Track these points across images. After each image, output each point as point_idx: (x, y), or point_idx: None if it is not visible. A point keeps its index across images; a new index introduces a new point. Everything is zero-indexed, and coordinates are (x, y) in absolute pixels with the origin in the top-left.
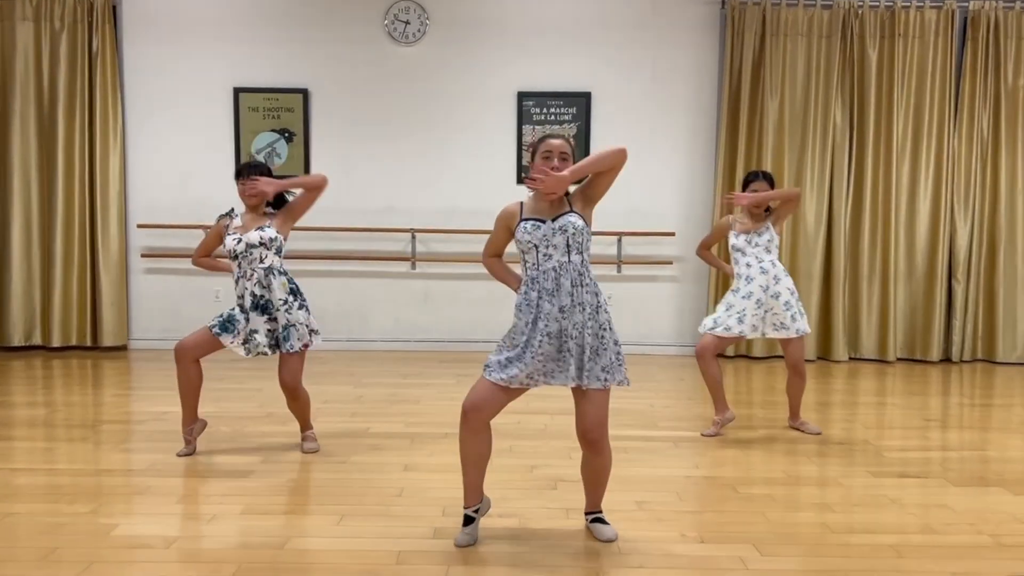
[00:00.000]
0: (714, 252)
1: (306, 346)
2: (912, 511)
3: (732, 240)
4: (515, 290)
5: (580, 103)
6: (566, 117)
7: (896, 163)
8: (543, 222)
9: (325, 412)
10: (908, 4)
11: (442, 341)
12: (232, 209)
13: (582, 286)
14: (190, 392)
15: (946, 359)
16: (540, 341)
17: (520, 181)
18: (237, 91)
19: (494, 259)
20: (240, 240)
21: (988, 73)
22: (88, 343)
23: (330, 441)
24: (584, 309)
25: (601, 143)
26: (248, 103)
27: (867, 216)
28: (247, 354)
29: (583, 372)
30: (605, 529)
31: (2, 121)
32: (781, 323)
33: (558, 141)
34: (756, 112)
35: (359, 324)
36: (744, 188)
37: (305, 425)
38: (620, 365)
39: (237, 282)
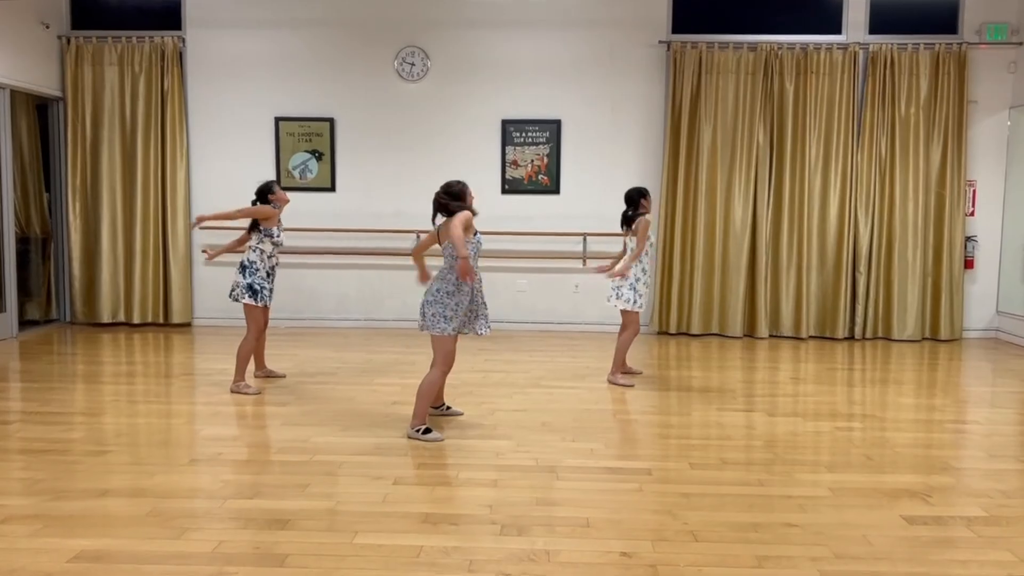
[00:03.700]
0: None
1: None
2: (723, 428)
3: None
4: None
5: (552, 128)
6: (541, 140)
7: (809, 176)
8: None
9: (342, 372)
10: (819, 46)
11: None
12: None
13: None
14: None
15: (850, 336)
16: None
17: (504, 191)
18: (277, 119)
19: None
20: (280, 236)
21: (885, 103)
22: (161, 320)
23: (344, 387)
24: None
25: (571, 162)
26: (286, 129)
27: (785, 219)
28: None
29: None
30: (455, 408)
31: (94, 145)
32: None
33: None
34: (694, 135)
35: (375, 307)
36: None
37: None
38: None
39: (270, 257)
